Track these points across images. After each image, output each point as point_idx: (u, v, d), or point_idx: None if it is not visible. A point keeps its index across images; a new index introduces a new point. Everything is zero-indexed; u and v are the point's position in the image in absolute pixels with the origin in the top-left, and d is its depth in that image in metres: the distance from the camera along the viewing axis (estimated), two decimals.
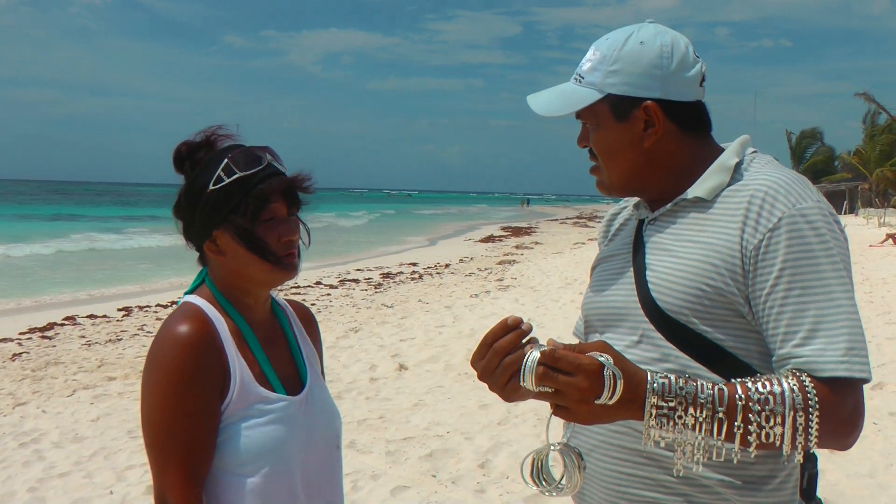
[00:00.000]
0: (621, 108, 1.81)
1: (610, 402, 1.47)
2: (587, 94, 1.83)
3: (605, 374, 1.46)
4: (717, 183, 1.78)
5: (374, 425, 7.08)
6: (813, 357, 1.58)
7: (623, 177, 1.87)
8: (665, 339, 1.74)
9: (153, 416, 1.82)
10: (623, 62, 1.80)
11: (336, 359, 9.88)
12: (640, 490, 1.77)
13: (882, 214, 44.34)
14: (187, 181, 1.93)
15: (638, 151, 1.84)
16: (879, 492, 5.44)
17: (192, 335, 1.83)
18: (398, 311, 14.04)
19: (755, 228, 1.67)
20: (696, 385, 1.53)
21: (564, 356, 1.46)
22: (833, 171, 70.67)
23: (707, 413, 1.51)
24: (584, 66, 1.87)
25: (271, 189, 1.88)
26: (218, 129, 1.98)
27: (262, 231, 1.88)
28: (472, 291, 16.36)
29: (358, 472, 5.90)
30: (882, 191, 56.67)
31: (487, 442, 6.50)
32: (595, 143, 1.87)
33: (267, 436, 1.86)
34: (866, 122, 63.06)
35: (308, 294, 16.37)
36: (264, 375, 1.92)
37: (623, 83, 1.80)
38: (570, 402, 1.47)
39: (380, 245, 32.91)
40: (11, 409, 8.01)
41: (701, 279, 1.70)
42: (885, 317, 12.21)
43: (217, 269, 1.96)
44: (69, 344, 11.41)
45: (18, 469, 6.24)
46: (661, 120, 1.81)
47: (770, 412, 1.52)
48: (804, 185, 1.72)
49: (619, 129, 1.83)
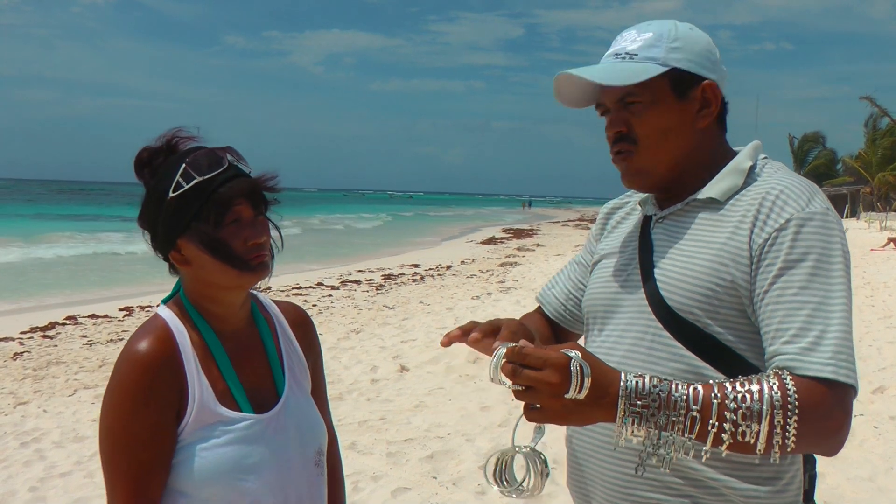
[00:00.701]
0: (682, 84, 1.80)
1: (579, 395, 1.45)
2: (650, 67, 1.79)
3: (572, 367, 1.45)
4: (731, 185, 1.79)
5: (374, 426, 7.08)
6: (799, 355, 1.56)
7: (668, 160, 1.84)
8: (674, 338, 1.74)
9: (104, 435, 1.78)
10: (683, 41, 1.81)
11: (337, 360, 9.89)
12: (646, 491, 1.76)
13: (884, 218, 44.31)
14: (147, 189, 1.86)
15: (689, 133, 1.83)
16: (879, 495, 5.44)
17: (148, 354, 1.77)
18: (399, 313, 14.04)
19: (762, 228, 1.68)
20: (669, 384, 1.51)
21: (532, 352, 1.46)
22: (835, 174, 70.64)
23: (681, 412, 1.49)
24: (629, 45, 1.83)
25: (234, 191, 1.80)
26: (179, 131, 1.90)
27: (226, 235, 1.79)
28: (473, 293, 16.36)
29: (359, 474, 5.90)
30: (884, 195, 56.63)
31: (488, 444, 6.49)
32: (645, 122, 1.81)
33: (224, 457, 1.78)
34: (868, 126, 63.05)
35: (310, 295, 16.38)
36: (230, 392, 1.84)
37: (687, 59, 1.80)
38: (540, 398, 1.46)
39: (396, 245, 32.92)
40: (13, 409, 8.01)
41: (712, 279, 1.71)
42: (887, 321, 12.20)
43: (186, 278, 1.89)
44: (71, 343, 11.43)
45: (19, 468, 6.23)
46: (717, 101, 1.82)
47: (746, 410, 1.49)
48: (814, 191, 1.72)
49: (677, 107, 1.81)
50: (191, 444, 1.78)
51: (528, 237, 40.81)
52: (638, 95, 1.80)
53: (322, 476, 1.99)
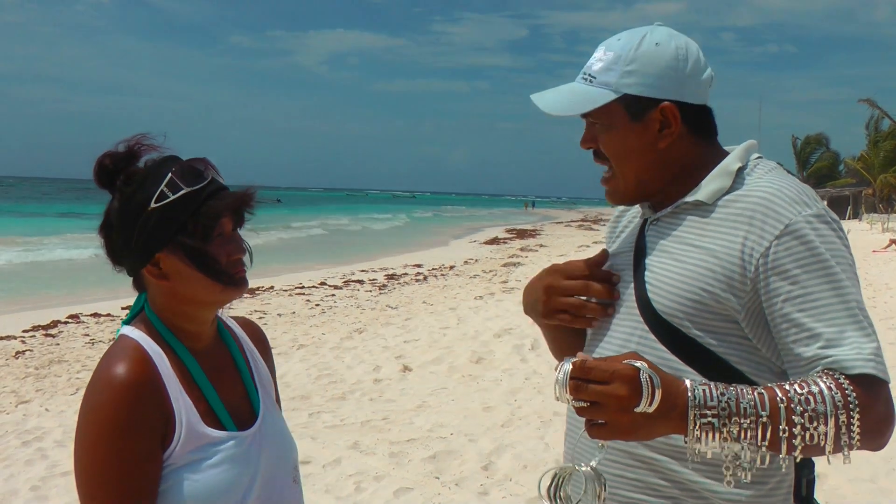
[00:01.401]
0: (637, 108, 1.78)
1: (650, 408, 1.42)
2: (601, 94, 1.79)
3: (642, 378, 1.42)
4: (719, 187, 1.77)
5: (377, 427, 7.08)
6: (843, 356, 1.55)
7: (636, 180, 1.84)
8: (658, 341, 1.74)
9: (85, 466, 1.68)
10: (639, 62, 1.78)
11: (340, 360, 9.89)
12: (630, 492, 1.76)
13: (885, 220, 44.28)
14: (121, 197, 1.75)
15: (652, 153, 1.81)
16: (881, 496, 5.43)
17: (128, 379, 1.67)
18: (402, 313, 14.03)
19: (760, 236, 1.66)
20: (736, 390, 1.49)
21: (597, 365, 1.43)
22: (837, 176, 70.65)
23: (751, 419, 1.47)
24: (594, 66, 1.83)
25: (223, 206, 1.74)
26: (142, 137, 1.79)
27: (213, 250, 1.74)
28: (476, 293, 16.36)
29: (361, 474, 5.90)
30: (885, 196, 56.62)
31: (491, 444, 6.50)
32: (606, 144, 1.83)
33: (217, 478, 1.71)
34: (869, 129, 63.04)
35: (313, 294, 16.38)
36: (212, 412, 1.76)
37: (640, 83, 1.77)
38: (608, 413, 1.43)
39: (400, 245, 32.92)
40: (14, 407, 8.01)
41: (698, 284, 1.70)
42: (888, 322, 12.22)
43: (158, 294, 1.79)
44: (73, 342, 11.42)
45: (21, 467, 6.23)
46: (677, 121, 1.78)
47: (813, 412, 1.48)
48: (807, 192, 1.71)
49: (634, 130, 1.80)
50: (180, 468, 1.70)
51: (532, 238, 40.79)
52: (596, 118, 1.82)
53: (300, 493, 1.95)
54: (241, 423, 1.81)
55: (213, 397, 1.78)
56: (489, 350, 10.24)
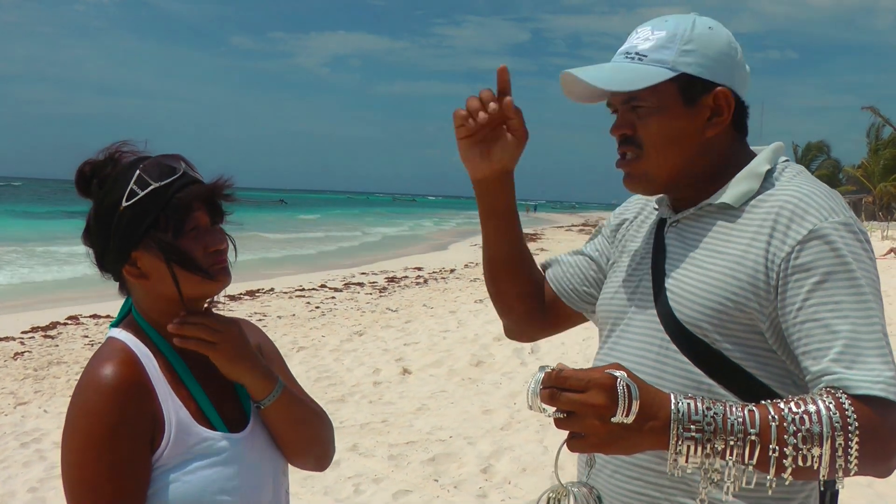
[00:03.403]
0: (692, 91, 1.69)
1: (627, 419, 1.35)
2: (657, 72, 1.68)
3: (619, 387, 1.35)
4: (746, 190, 1.68)
5: (376, 429, 7.07)
6: (849, 374, 1.46)
7: (673, 168, 1.73)
8: (681, 352, 1.66)
9: (73, 469, 1.65)
10: (697, 42, 1.69)
11: (339, 362, 9.88)
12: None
13: (885, 228, 44.26)
14: (96, 201, 1.75)
15: (696, 141, 1.72)
16: (879, 501, 5.41)
17: (116, 380, 1.65)
18: (402, 316, 14.02)
19: (783, 241, 1.57)
20: (724, 406, 1.41)
21: (573, 374, 1.36)
22: (838, 183, 70.67)
23: (738, 436, 1.39)
24: (640, 45, 1.72)
25: (192, 196, 1.71)
26: (123, 144, 1.78)
27: (186, 243, 1.71)
28: (476, 297, 16.32)
29: (360, 476, 5.89)
30: (885, 204, 56.61)
31: (490, 447, 6.48)
32: (649, 128, 1.71)
33: (207, 479, 1.69)
34: (870, 137, 63.05)
35: (313, 297, 16.36)
36: (202, 413, 1.74)
37: (699, 64, 1.68)
38: (585, 423, 1.36)
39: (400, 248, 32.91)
40: (13, 409, 7.99)
41: (724, 294, 1.61)
42: (888, 327, 12.17)
43: (142, 295, 1.78)
44: (72, 343, 11.39)
45: (19, 469, 6.22)
46: (730, 110, 1.71)
47: (807, 433, 1.39)
48: (836, 199, 1.62)
49: (684, 115, 1.70)
50: (169, 470, 1.68)
51: (532, 241, 40.74)
52: (644, 100, 1.70)
53: (287, 492, 1.93)
54: (232, 426, 1.78)
55: (202, 399, 1.75)
56: (489, 353, 10.23)
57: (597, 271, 2.04)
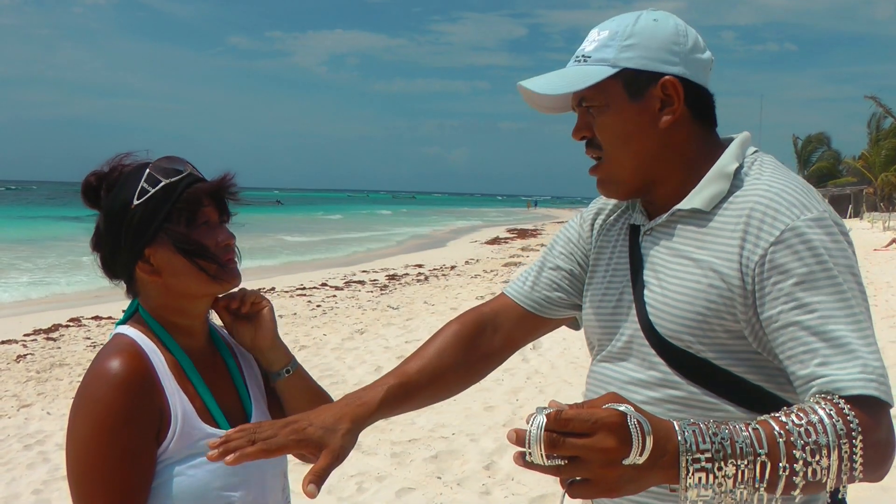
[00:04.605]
0: (637, 84, 1.67)
1: (640, 459, 1.23)
2: (597, 71, 1.67)
3: (631, 425, 1.22)
4: (716, 192, 1.64)
5: (379, 427, 7.06)
6: (841, 375, 1.40)
7: (634, 167, 1.71)
8: (667, 365, 1.64)
9: (79, 460, 1.65)
10: (638, 37, 1.67)
11: (341, 360, 9.89)
12: None
13: (887, 218, 44.22)
14: (105, 206, 1.78)
15: (652, 135, 1.68)
16: (882, 494, 5.41)
17: (124, 372, 1.66)
18: (404, 313, 14.03)
19: (755, 244, 1.53)
20: (729, 429, 1.31)
21: (577, 415, 1.22)
22: (839, 175, 70.58)
23: (749, 459, 1.29)
24: (586, 47, 1.72)
25: (201, 190, 1.76)
26: (126, 156, 1.82)
27: (199, 235, 1.75)
28: (477, 293, 16.33)
29: (363, 474, 5.90)
30: (887, 195, 56.55)
31: (493, 443, 6.49)
32: (602, 128, 1.70)
33: (210, 475, 1.70)
34: (871, 127, 62.97)
35: (314, 296, 16.37)
36: (207, 409, 1.76)
37: (640, 56, 1.66)
38: (592, 470, 1.22)
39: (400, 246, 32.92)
40: (16, 411, 8.02)
41: (701, 303, 1.58)
42: (889, 320, 12.18)
43: (152, 293, 1.80)
44: (74, 345, 11.42)
45: (23, 471, 6.24)
46: (679, 98, 1.67)
47: (815, 445, 1.31)
48: (808, 192, 1.58)
49: (633, 109, 1.68)
50: (173, 464, 1.69)
51: (533, 237, 40.77)
52: (592, 100, 1.70)
53: (288, 488, 1.95)
54: (234, 423, 1.79)
55: (206, 395, 1.78)
56: None
57: (570, 276, 1.97)
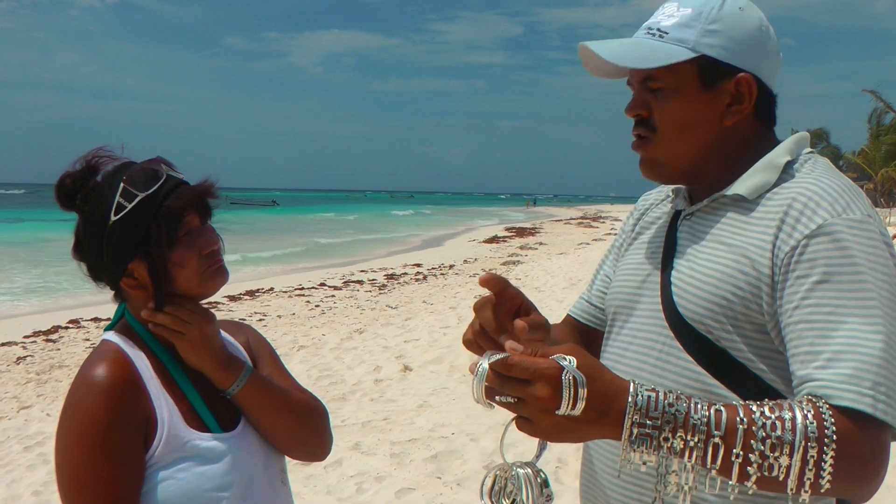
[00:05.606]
0: (713, 74, 1.59)
1: (573, 411, 1.24)
2: (675, 51, 1.57)
3: (564, 378, 1.23)
4: (762, 182, 1.58)
5: (378, 427, 7.07)
6: (833, 382, 1.34)
7: (687, 157, 1.64)
8: (684, 349, 1.58)
9: (66, 468, 1.65)
10: (723, 23, 1.58)
11: (340, 360, 9.89)
12: None
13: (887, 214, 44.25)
14: (83, 216, 1.76)
15: (713, 128, 1.62)
16: (886, 492, 5.41)
17: (108, 379, 1.66)
18: (402, 313, 14.03)
19: (790, 234, 1.47)
20: (688, 403, 1.29)
21: (519, 362, 1.25)
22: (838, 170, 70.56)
23: (700, 437, 1.28)
24: (663, 21, 1.62)
25: (182, 203, 1.73)
26: (99, 150, 1.77)
27: (181, 251, 1.73)
28: (476, 292, 16.33)
29: (363, 474, 5.90)
30: (887, 190, 56.56)
31: (493, 443, 6.48)
32: (664, 111, 1.62)
33: (200, 479, 1.69)
34: (871, 122, 62.93)
35: (312, 296, 16.37)
36: (195, 412, 1.75)
37: (722, 46, 1.57)
38: (532, 413, 1.26)
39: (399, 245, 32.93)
40: (16, 413, 8.01)
41: (728, 288, 1.52)
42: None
43: (137, 301, 1.79)
44: (73, 347, 11.41)
45: (23, 472, 6.23)
46: (752, 98, 1.60)
47: (777, 440, 1.28)
48: (856, 195, 1.51)
49: (702, 99, 1.60)
50: (162, 468, 1.69)
51: (531, 236, 40.75)
52: (660, 80, 1.60)
53: (289, 494, 1.94)
54: (225, 425, 1.79)
55: (194, 398, 1.77)
56: None
57: None
